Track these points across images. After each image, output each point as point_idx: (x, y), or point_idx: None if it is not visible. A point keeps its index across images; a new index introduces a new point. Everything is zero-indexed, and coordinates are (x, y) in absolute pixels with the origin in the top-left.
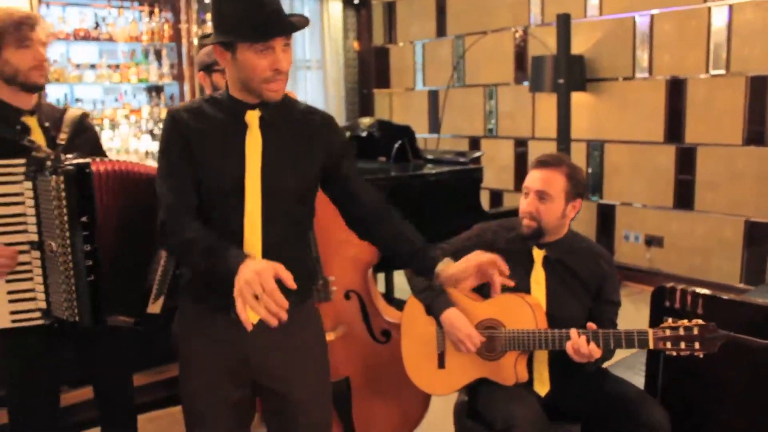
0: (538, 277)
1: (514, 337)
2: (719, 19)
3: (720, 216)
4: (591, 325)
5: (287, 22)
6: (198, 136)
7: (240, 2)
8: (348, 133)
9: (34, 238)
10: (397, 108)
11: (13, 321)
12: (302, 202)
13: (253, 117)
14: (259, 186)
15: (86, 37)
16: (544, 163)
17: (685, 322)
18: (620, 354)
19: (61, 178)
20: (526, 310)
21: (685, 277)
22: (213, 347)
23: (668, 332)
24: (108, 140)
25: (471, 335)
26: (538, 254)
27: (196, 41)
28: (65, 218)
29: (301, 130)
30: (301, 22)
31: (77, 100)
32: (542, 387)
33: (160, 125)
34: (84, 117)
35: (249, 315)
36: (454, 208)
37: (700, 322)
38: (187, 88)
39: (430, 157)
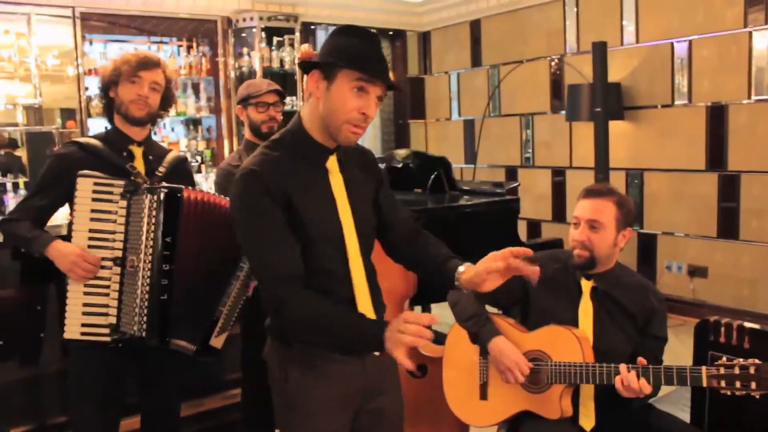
0: (586, 308)
1: (561, 369)
2: (760, 43)
3: (767, 245)
4: (642, 360)
5: (388, 76)
6: (292, 191)
7: (359, 40)
8: (384, 165)
9: (118, 254)
10: (433, 138)
11: (83, 333)
12: (374, 233)
13: (333, 161)
14: (353, 227)
15: None
16: (593, 192)
17: (741, 360)
18: (664, 389)
19: (155, 197)
20: (573, 343)
21: (731, 308)
22: (337, 387)
23: (722, 371)
24: None
25: (519, 363)
26: (586, 285)
27: (233, 74)
28: (151, 236)
29: (360, 166)
30: (399, 85)
31: None
32: (588, 422)
33: (198, 158)
34: (184, 160)
35: None
36: (491, 239)
37: (757, 361)
38: (224, 120)
39: (466, 188)
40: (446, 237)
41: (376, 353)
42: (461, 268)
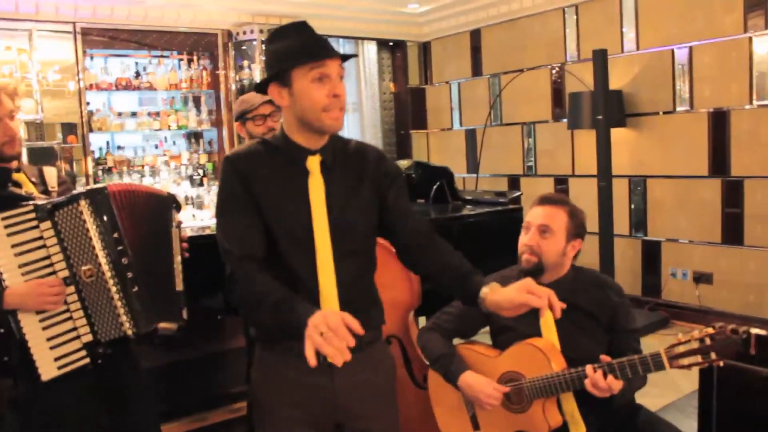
0: (546, 320)
1: (536, 385)
2: (761, 48)
3: None
4: (605, 358)
5: (336, 50)
6: (260, 183)
7: (291, 37)
8: None
9: (65, 274)
10: (435, 148)
11: (60, 367)
12: (368, 238)
13: (314, 162)
14: (327, 230)
15: (127, 87)
16: (547, 200)
17: (695, 334)
18: (668, 396)
19: (87, 201)
20: (539, 356)
21: (737, 315)
22: (299, 394)
23: (681, 348)
24: None
25: (489, 393)
26: None
27: (234, 87)
28: (100, 238)
29: (356, 167)
30: (348, 53)
31: (119, 147)
32: (577, 429)
33: (200, 171)
34: (59, 171)
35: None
36: (495, 249)
37: (710, 330)
38: (225, 133)
39: (468, 197)
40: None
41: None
42: (486, 289)
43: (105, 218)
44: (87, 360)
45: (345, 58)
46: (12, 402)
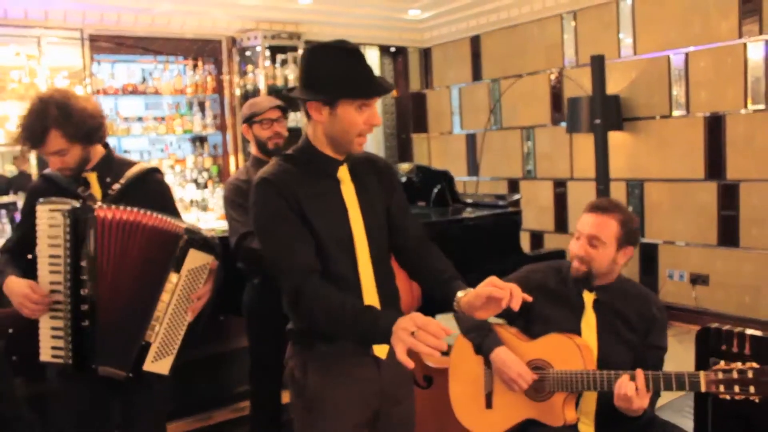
0: (588, 321)
1: (563, 377)
2: (756, 53)
3: (767, 252)
4: (640, 372)
5: (384, 83)
6: (303, 199)
7: (342, 65)
8: None
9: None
10: (436, 152)
11: (53, 356)
12: (387, 240)
13: (344, 172)
14: (364, 232)
15: (134, 92)
16: (598, 207)
17: (739, 364)
18: (667, 397)
19: (67, 221)
20: (574, 351)
21: (733, 316)
22: (354, 388)
23: (720, 375)
24: None
25: (522, 374)
26: (588, 297)
27: (238, 92)
28: (67, 260)
29: (372, 175)
30: (391, 86)
31: (125, 151)
32: (587, 429)
33: (204, 174)
34: (150, 171)
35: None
36: (494, 251)
37: (755, 365)
38: (229, 137)
39: (469, 200)
40: (450, 249)
41: (383, 357)
42: (460, 293)
43: (78, 242)
44: (70, 361)
45: (390, 91)
46: (28, 400)
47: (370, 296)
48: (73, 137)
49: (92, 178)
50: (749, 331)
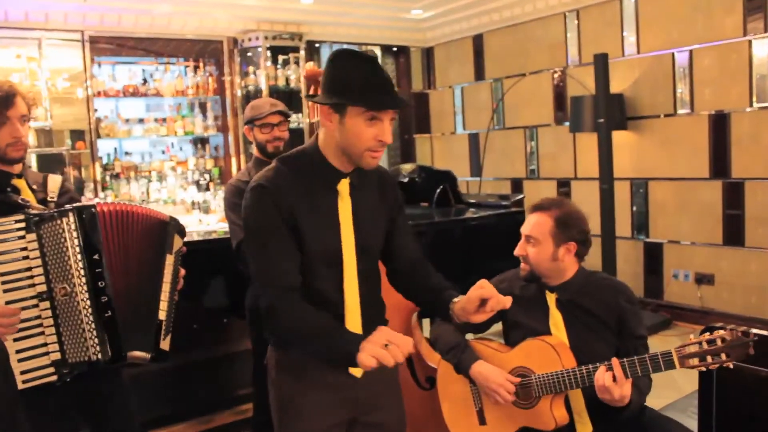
0: (556, 321)
1: (545, 380)
2: (760, 51)
3: None
4: (616, 360)
5: (398, 97)
6: (296, 208)
7: (357, 70)
8: None
9: (43, 288)
10: (438, 152)
11: (24, 381)
12: (379, 255)
13: (344, 185)
14: (354, 250)
15: (135, 93)
16: (536, 207)
17: (707, 335)
18: (669, 396)
19: (72, 219)
20: (550, 353)
21: (739, 316)
22: (327, 393)
23: (692, 349)
24: (155, 191)
25: (503, 383)
26: (550, 297)
27: (239, 93)
28: (78, 258)
29: (376, 190)
30: (406, 101)
31: (126, 153)
32: (584, 428)
33: (206, 176)
34: (64, 180)
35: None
36: (498, 251)
37: (723, 332)
38: (231, 139)
39: (472, 201)
40: (453, 249)
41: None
42: (455, 300)
43: (86, 238)
44: (54, 377)
45: (403, 105)
46: None
47: (353, 314)
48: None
49: (22, 184)
50: (753, 330)
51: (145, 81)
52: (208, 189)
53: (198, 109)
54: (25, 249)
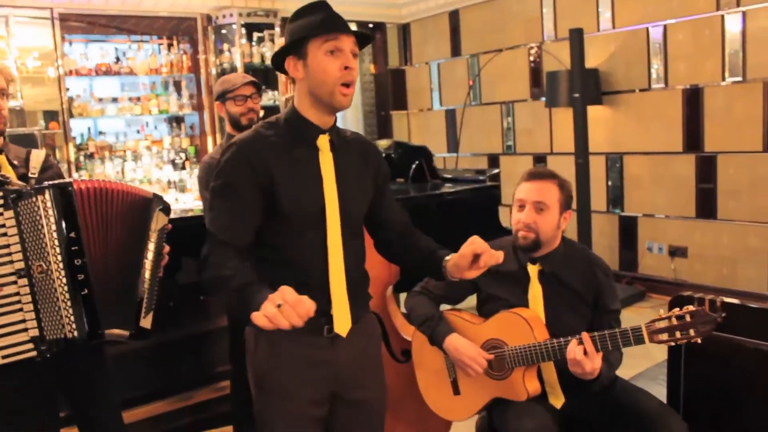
0: (535, 293)
1: (518, 353)
2: (733, 26)
3: (744, 224)
4: (586, 335)
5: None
6: (274, 167)
7: (310, 14)
8: None
9: (21, 265)
10: (415, 129)
11: (4, 357)
12: (362, 222)
13: (324, 141)
14: (337, 207)
15: (108, 72)
16: (537, 175)
17: (677, 310)
18: (641, 365)
19: (47, 196)
20: (523, 326)
21: (711, 287)
22: (304, 369)
23: (661, 324)
24: (131, 171)
25: (475, 357)
26: (533, 270)
27: (214, 71)
28: (54, 235)
29: (357, 154)
30: (366, 34)
31: (100, 132)
32: (556, 400)
33: (182, 155)
34: (48, 156)
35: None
36: (473, 225)
37: (691, 308)
38: (206, 117)
39: (447, 176)
40: (429, 224)
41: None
42: (447, 257)
43: (63, 215)
44: (34, 353)
45: (358, 37)
46: None
47: (337, 274)
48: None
49: (2, 159)
50: (721, 299)
51: (118, 59)
52: (183, 168)
53: (172, 87)
54: (3, 226)
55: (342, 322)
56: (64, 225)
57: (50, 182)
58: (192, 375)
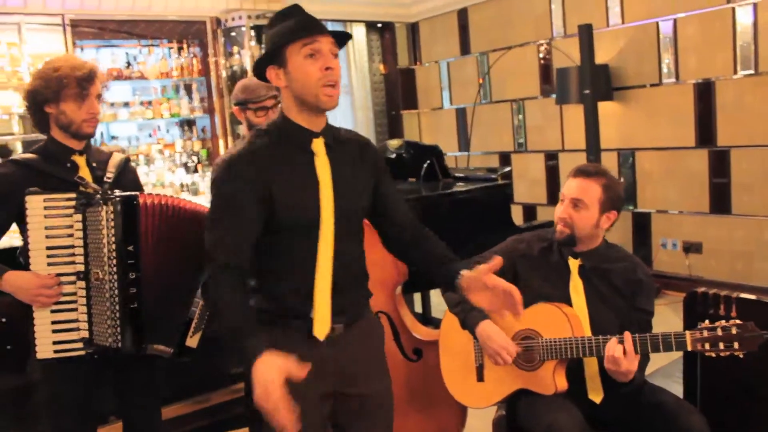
0: (576, 287)
1: (551, 346)
2: (744, 18)
3: (759, 218)
4: (628, 335)
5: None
6: (270, 173)
7: (284, 19)
8: None
9: (81, 268)
10: (426, 128)
11: (56, 351)
12: (362, 220)
13: (318, 144)
14: (333, 212)
15: (119, 77)
16: (582, 172)
17: (723, 322)
18: (657, 363)
19: (111, 208)
20: (562, 319)
21: (727, 283)
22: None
23: (706, 333)
24: (144, 175)
25: (506, 346)
26: (573, 264)
27: (224, 74)
28: (113, 247)
29: (352, 152)
30: (344, 33)
31: (113, 137)
32: (596, 395)
33: (194, 158)
34: (128, 160)
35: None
36: (485, 224)
37: (738, 321)
38: (218, 120)
39: (459, 175)
40: (441, 223)
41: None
42: (464, 270)
43: (124, 228)
44: (82, 352)
45: (336, 36)
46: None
47: (323, 281)
48: None
49: (81, 161)
50: (735, 294)
51: (128, 64)
52: (196, 171)
53: (183, 91)
54: (70, 227)
55: (321, 326)
56: (123, 238)
57: (119, 194)
58: (209, 377)
